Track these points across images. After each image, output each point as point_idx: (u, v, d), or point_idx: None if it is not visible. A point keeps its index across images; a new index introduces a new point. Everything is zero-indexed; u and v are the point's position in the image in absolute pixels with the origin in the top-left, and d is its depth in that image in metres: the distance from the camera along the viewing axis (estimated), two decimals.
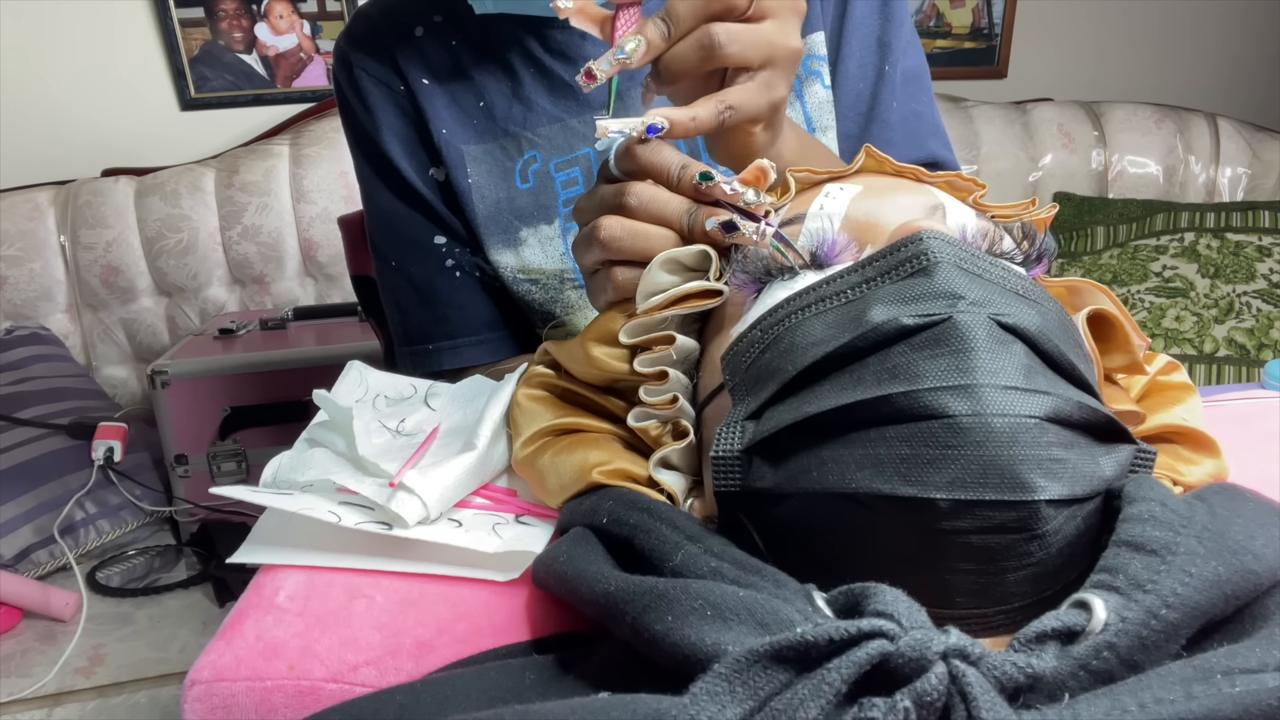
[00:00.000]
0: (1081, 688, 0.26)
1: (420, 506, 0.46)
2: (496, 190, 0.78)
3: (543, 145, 0.77)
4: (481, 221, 0.78)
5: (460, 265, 0.81)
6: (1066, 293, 0.43)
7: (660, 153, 0.45)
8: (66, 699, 1.23)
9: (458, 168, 0.78)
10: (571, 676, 0.34)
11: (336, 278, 2.02)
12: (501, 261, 0.79)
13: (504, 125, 0.77)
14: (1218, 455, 0.43)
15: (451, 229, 0.80)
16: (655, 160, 0.45)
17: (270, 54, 2.03)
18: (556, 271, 0.78)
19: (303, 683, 0.39)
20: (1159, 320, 1.75)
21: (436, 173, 0.79)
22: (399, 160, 0.79)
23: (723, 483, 0.36)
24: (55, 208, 1.91)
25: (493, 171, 0.78)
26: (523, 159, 0.78)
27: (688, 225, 0.44)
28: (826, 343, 0.34)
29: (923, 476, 0.30)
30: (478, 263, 0.81)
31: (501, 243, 0.79)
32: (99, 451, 1.55)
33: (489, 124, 0.78)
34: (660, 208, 0.44)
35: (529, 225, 0.78)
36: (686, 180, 0.44)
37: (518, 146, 0.77)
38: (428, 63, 0.77)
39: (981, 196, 0.46)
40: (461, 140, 0.77)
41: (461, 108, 0.78)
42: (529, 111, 0.77)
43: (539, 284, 0.79)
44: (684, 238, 0.45)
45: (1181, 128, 2.06)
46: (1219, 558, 0.29)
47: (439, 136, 0.77)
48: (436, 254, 0.81)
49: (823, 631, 0.26)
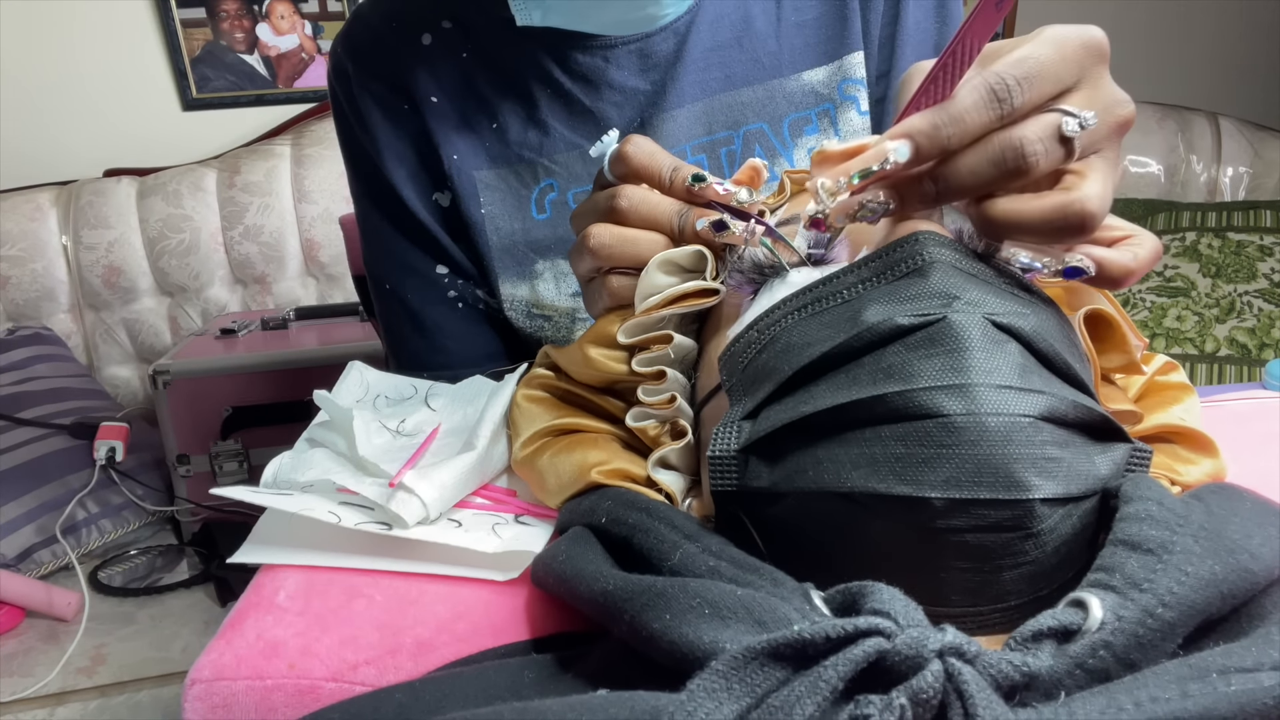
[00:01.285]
0: (1078, 686, 0.27)
1: (420, 506, 0.46)
2: (511, 221, 0.73)
3: (560, 174, 0.72)
4: (495, 254, 0.74)
5: (463, 297, 0.77)
6: (1063, 292, 0.43)
7: (652, 155, 0.44)
8: (69, 698, 1.23)
9: (469, 197, 0.73)
10: (570, 675, 0.35)
11: (338, 278, 2.02)
12: (515, 295, 0.75)
13: (519, 151, 0.72)
14: (1215, 455, 0.43)
15: (454, 260, 0.75)
16: (646, 163, 0.44)
17: (272, 54, 2.04)
18: (568, 310, 0.74)
19: (303, 682, 0.39)
20: (1160, 320, 1.75)
21: (441, 197, 0.74)
22: (401, 187, 0.73)
23: (720, 482, 0.36)
24: (57, 208, 1.91)
25: (507, 200, 0.73)
26: (539, 187, 0.73)
27: (678, 227, 0.44)
28: (822, 343, 0.35)
29: (918, 475, 0.30)
30: (481, 295, 0.77)
31: (516, 275, 0.74)
32: (101, 451, 1.56)
33: (502, 148, 0.72)
34: (651, 210, 0.44)
35: (545, 258, 0.73)
36: (678, 182, 0.44)
37: (533, 174, 0.72)
38: (436, 77, 0.71)
39: None
40: (473, 165, 0.72)
41: (473, 129, 0.72)
42: (545, 137, 0.72)
43: (551, 320, 0.75)
44: (675, 240, 0.44)
45: (1183, 127, 2.06)
46: (1216, 557, 0.29)
47: (449, 162, 0.72)
48: (438, 285, 0.76)
49: (820, 629, 0.26)
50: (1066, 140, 0.35)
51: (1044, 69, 0.35)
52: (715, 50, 0.72)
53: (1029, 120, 0.35)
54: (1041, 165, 0.34)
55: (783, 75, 0.72)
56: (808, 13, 0.72)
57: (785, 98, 0.73)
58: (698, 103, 0.72)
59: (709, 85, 0.72)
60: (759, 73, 0.72)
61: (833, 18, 0.72)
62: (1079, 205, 0.34)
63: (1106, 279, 0.37)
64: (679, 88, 0.71)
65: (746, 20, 0.72)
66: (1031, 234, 0.35)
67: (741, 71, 0.72)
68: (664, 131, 0.72)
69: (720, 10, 0.72)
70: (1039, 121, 0.34)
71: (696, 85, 0.72)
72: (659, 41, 0.70)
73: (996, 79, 0.34)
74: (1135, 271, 0.38)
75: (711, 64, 0.72)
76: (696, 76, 0.72)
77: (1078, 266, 0.37)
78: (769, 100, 0.73)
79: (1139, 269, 0.38)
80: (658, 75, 0.71)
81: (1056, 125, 0.34)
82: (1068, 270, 0.37)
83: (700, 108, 0.72)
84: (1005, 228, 0.36)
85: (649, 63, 0.71)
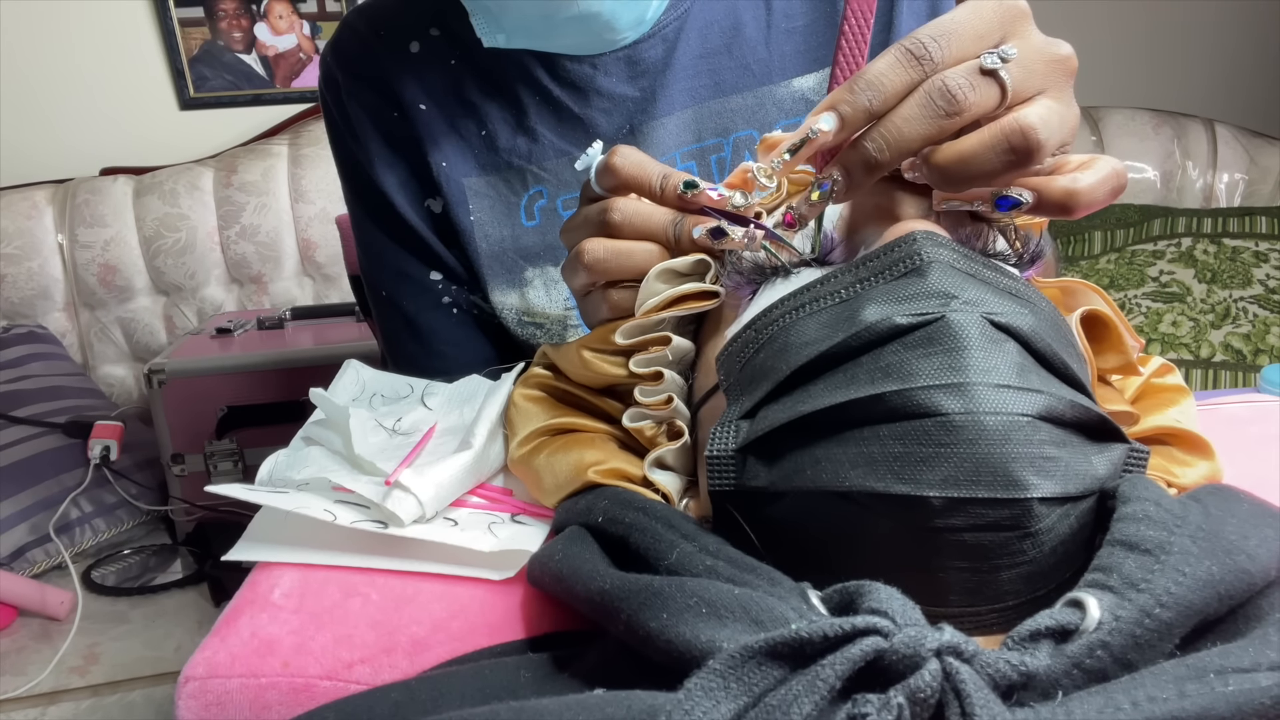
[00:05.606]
0: (1075, 686, 0.27)
1: (416, 505, 0.46)
2: (500, 228, 0.73)
3: (549, 181, 0.72)
4: (485, 261, 0.74)
5: (457, 303, 0.77)
6: (1060, 294, 0.43)
7: (640, 165, 0.44)
8: (61, 698, 1.23)
9: (459, 204, 0.73)
10: (566, 674, 0.34)
11: (334, 278, 2.02)
12: (505, 303, 0.75)
13: (507, 158, 0.72)
14: (1212, 457, 0.43)
15: (447, 266, 0.75)
16: (636, 173, 0.44)
17: (269, 54, 2.03)
18: (560, 317, 0.74)
19: (297, 680, 0.39)
20: (1156, 325, 1.75)
21: (433, 204, 0.74)
22: (393, 195, 0.73)
23: (717, 482, 0.36)
24: (53, 206, 1.91)
25: (496, 207, 0.73)
26: (528, 194, 0.73)
27: (674, 236, 0.43)
28: (820, 342, 0.35)
29: (916, 474, 0.30)
30: (475, 301, 0.77)
31: (505, 283, 0.74)
32: (95, 450, 1.55)
33: (491, 155, 0.72)
34: (644, 221, 0.43)
35: (535, 265, 0.73)
36: (670, 190, 0.43)
37: (522, 181, 0.72)
38: (424, 85, 0.71)
39: None
40: (462, 173, 0.72)
41: (462, 136, 0.72)
42: (534, 144, 0.72)
43: (543, 328, 0.75)
44: (671, 250, 0.44)
45: (1179, 133, 2.06)
46: (1213, 557, 0.29)
47: (438, 169, 0.72)
48: (433, 291, 0.76)
49: (817, 628, 0.26)
50: (991, 74, 0.35)
51: (959, 26, 0.36)
52: (705, 57, 0.71)
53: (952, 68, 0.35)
54: (971, 99, 0.35)
55: (773, 82, 0.72)
56: (798, 19, 0.72)
57: (775, 104, 0.73)
58: (687, 110, 0.72)
59: (698, 92, 0.72)
60: (749, 80, 0.72)
61: (823, 24, 0.72)
62: (1016, 123, 0.34)
63: (1048, 205, 0.36)
64: (668, 95, 0.71)
65: (736, 27, 0.72)
66: (980, 168, 0.35)
67: (731, 79, 0.72)
68: (653, 139, 0.71)
69: (710, 17, 0.71)
70: (961, 65, 0.35)
71: (686, 92, 0.72)
72: (647, 49, 0.70)
73: (911, 40, 0.35)
74: (1078, 193, 0.36)
75: (701, 71, 0.72)
76: (686, 84, 0.71)
77: (1009, 196, 0.36)
78: (759, 107, 0.72)
79: (1085, 190, 0.36)
80: (647, 82, 0.71)
81: (977, 63, 0.35)
82: (1000, 202, 0.36)
83: (690, 115, 0.72)
84: (953, 169, 0.35)
85: (637, 69, 0.70)
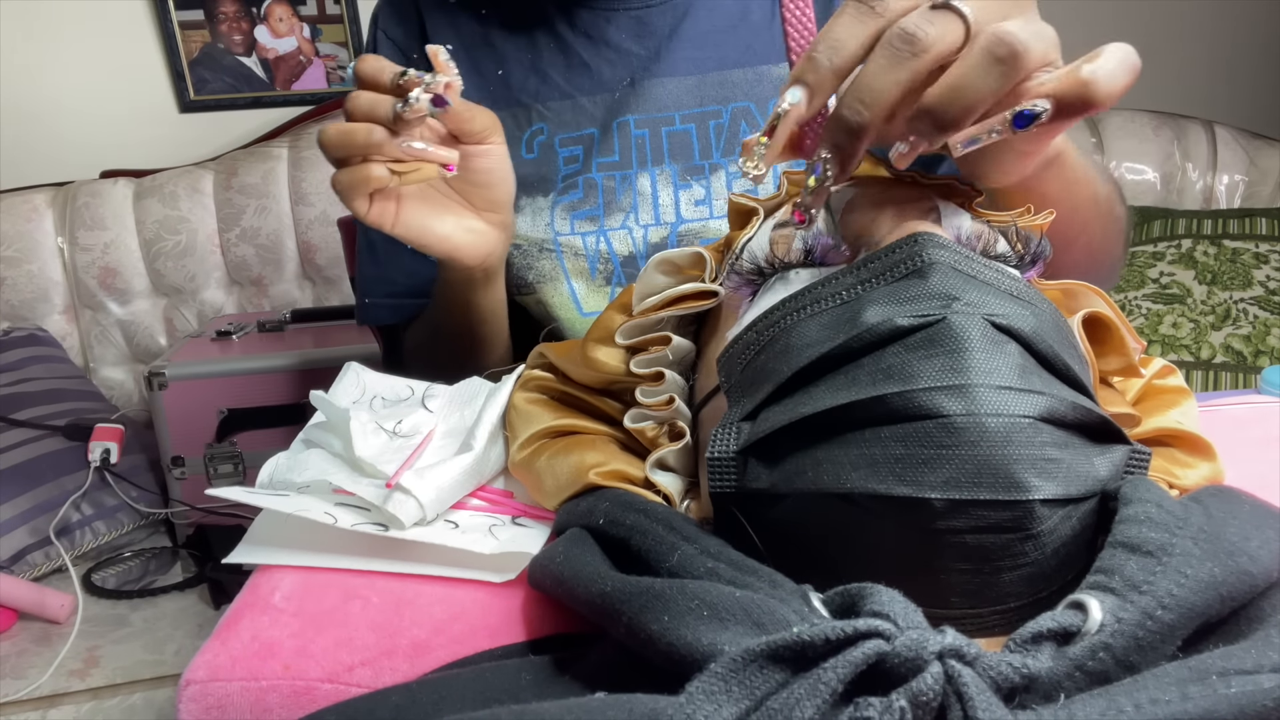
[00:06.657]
0: (1077, 688, 0.26)
1: (417, 508, 0.46)
2: None
3: (551, 119, 0.79)
4: None
5: None
6: (1062, 295, 0.43)
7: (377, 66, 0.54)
8: (61, 701, 1.22)
9: None
10: (567, 677, 0.34)
11: (335, 280, 2.02)
12: None
13: (518, 95, 0.79)
14: (1213, 459, 0.43)
15: None
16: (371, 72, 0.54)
17: (270, 57, 2.03)
18: (537, 240, 0.80)
19: (298, 683, 0.39)
20: (1156, 327, 1.75)
21: None
22: None
23: (718, 484, 0.36)
24: (53, 209, 1.91)
25: None
26: (530, 130, 0.79)
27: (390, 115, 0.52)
28: (821, 344, 0.34)
29: (917, 476, 0.30)
30: None
31: None
32: (95, 453, 1.55)
33: (505, 91, 0.79)
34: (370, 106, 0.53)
35: (527, 195, 0.79)
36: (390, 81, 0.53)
37: (527, 117, 0.79)
38: (456, 28, 0.79)
39: (979, 203, 0.46)
40: None
41: (482, 74, 0.80)
42: (543, 84, 0.79)
43: (520, 249, 0.81)
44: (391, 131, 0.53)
45: (1179, 135, 2.06)
46: (1215, 559, 0.29)
47: None
48: None
49: (819, 631, 0.26)
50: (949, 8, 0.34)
51: None
52: (710, 34, 0.78)
53: None
54: (933, 35, 0.33)
55: (773, 63, 0.78)
56: None
57: (774, 82, 0.78)
58: (690, 77, 0.78)
59: (702, 63, 0.78)
60: (751, 58, 0.78)
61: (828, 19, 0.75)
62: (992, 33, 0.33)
63: (1069, 105, 0.34)
64: (672, 59, 0.78)
65: (744, 13, 0.78)
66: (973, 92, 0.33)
67: (734, 55, 0.78)
68: (652, 95, 0.77)
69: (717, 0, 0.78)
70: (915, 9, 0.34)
71: (689, 61, 0.78)
72: (657, 15, 0.78)
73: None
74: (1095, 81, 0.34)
75: (706, 45, 0.78)
76: (690, 53, 0.78)
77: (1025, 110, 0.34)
78: (758, 82, 0.78)
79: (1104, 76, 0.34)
80: (653, 44, 0.78)
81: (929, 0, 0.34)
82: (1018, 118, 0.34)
83: (692, 81, 0.78)
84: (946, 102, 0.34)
85: (645, 30, 0.78)
